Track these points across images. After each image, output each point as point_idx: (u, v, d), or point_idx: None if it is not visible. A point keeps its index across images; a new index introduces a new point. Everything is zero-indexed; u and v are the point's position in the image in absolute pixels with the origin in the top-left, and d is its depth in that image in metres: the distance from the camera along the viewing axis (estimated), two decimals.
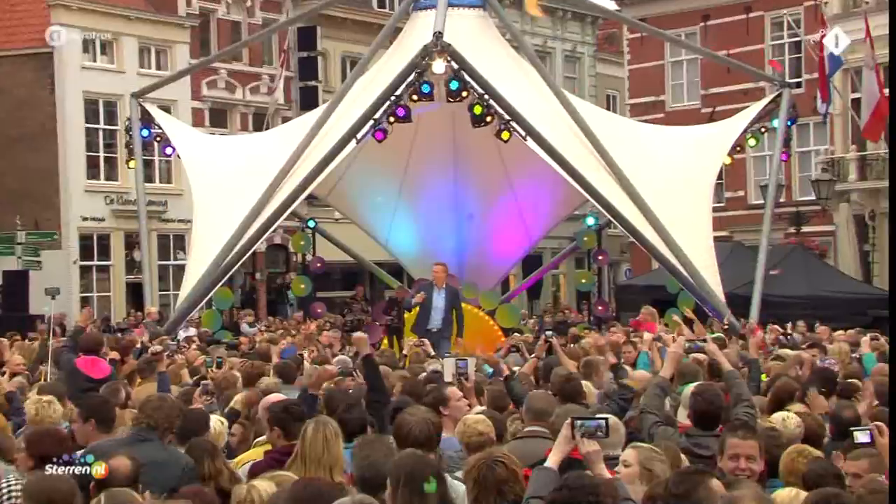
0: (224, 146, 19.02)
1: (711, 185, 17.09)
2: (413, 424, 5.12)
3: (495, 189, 18.95)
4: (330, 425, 5.07)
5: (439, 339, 14.46)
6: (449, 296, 15.06)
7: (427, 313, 14.89)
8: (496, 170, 18.47)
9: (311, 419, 5.24)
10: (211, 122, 29.10)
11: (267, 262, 30.33)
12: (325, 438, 4.98)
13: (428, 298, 14.88)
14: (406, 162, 18.63)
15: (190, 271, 15.85)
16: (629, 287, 26.88)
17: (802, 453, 5.08)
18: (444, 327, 14.83)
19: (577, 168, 14.99)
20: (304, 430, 5.08)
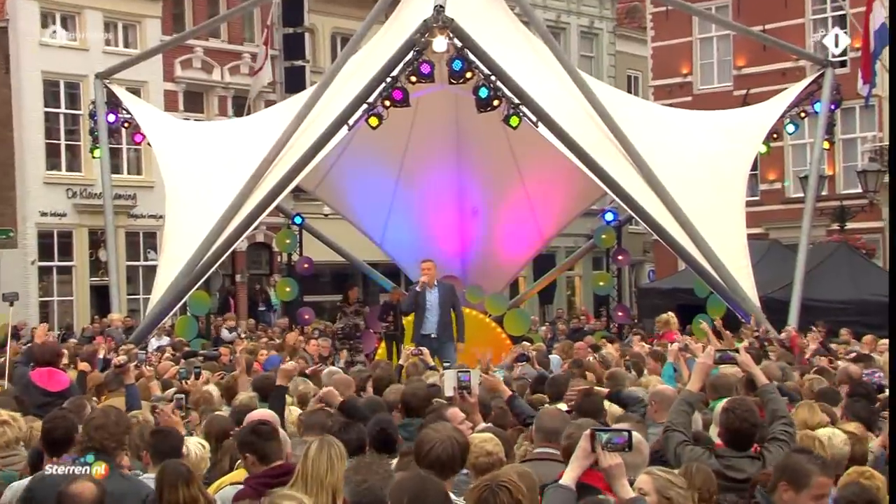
0: (200, 133, 19.04)
1: (745, 176, 17.11)
2: (437, 443, 5.12)
3: (503, 181, 18.98)
4: (336, 446, 5.10)
5: (440, 346, 14.45)
6: (443, 294, 14.97)
7: (421, 317, 14.86)
8: (504, 160, 18.50)
9: (316, 438, 5.26)
10: (185, 106, 29.13)
11: (248, 262, 30.36)
12: (330, 458, 5.00)
13: (420, 300, 14.81)
14: (403, 151, 18.66)
15: (162, 273, 15.87)
16: (652, 290, 26.88)
17: (864, 475, 5.09)
18: (443, 331, 14.77)
19: (595, 157, 15.00)
20: (308, 448, 5.10)
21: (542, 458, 5.68)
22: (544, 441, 5.79)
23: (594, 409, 6.99)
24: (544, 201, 19.48)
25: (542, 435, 5.86)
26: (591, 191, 18.12)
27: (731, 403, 6.02)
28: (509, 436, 6.88)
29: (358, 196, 19.81)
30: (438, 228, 19.55)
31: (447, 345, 14.55)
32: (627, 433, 4.36)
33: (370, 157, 18.10)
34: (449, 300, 14.95)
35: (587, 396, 7.31)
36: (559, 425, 5.79)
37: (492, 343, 16.49)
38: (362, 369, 12.24)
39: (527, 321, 20.24)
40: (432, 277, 14.92)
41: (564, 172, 16.66)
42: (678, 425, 6.03)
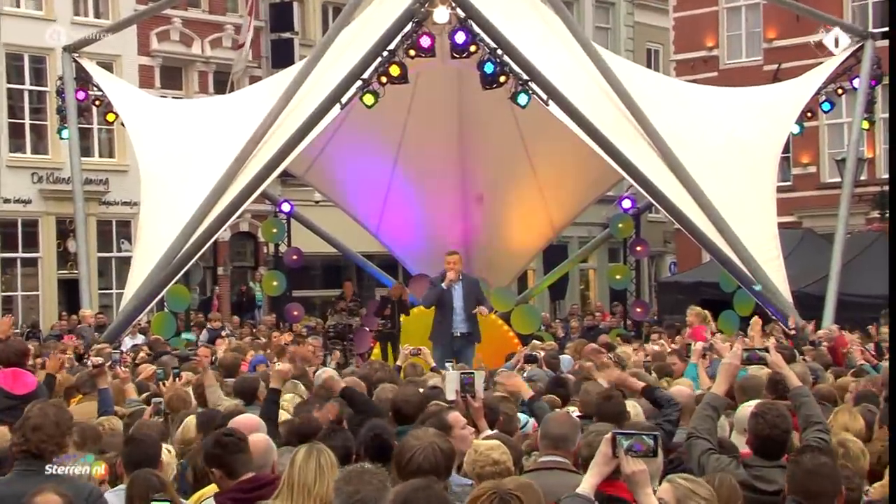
0: (179, 112, 19.03)
1: (776, 159, 17.09)
2: (417, 451, 5.13)
3: (510, 165, 18.97)
4: (326, 453, 5.11)
5: (464, 347, 14.49)
6: (468, 288, 14.95)
7: (447, 316, 14.78)
8: (511, 141, 18.49)
9: (304, 444, 5.26)
10: (162, 83, 29.11)
11: (231, 254, 30.38)
12: (319, 466, 5.02)
13: (446, 298, 14.74)
14: (401, 132, 18.65)
15: (137, 265, 15.87)
16: (674, 285, 26.92)
17: None
18: (472, 329, 14.83)
19: (611, 139, 14.99)
20: (295, 455, 5.11)
21: (548, 466, 5.67)
22: (551, 448, 5.79)
23: (615, 414, 6.98)
24: (555, 187, 19.47)
25: (548, 441, 5.85)
26: (606, 175, 18.11)
27: (761, 408, 6.01)
28: (517, 443, 6.88)
29: (351, 181, 19.80)
30: (439, 217, 19.54)
31: (471, 346, 14.61)
32: (653, 437, 4.36)
33: (365, 138, 18.09)
34: (474, 295, 14.94)
35: (607, 399, 7.30)
36: (567, 431, 5.80)
37: (498, 342, 16.51)
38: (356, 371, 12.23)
39: (536, 318, 20.24)
40: (459, 272, 14.84)
41: (577, 155, 16.64)
42: (702, 432, 6.03)
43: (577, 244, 31.84)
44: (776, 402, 6.54)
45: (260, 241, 29.04)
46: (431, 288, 15.05)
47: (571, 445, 5.65)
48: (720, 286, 18.04)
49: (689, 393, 7.68)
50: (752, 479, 5.58)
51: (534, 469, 5.73)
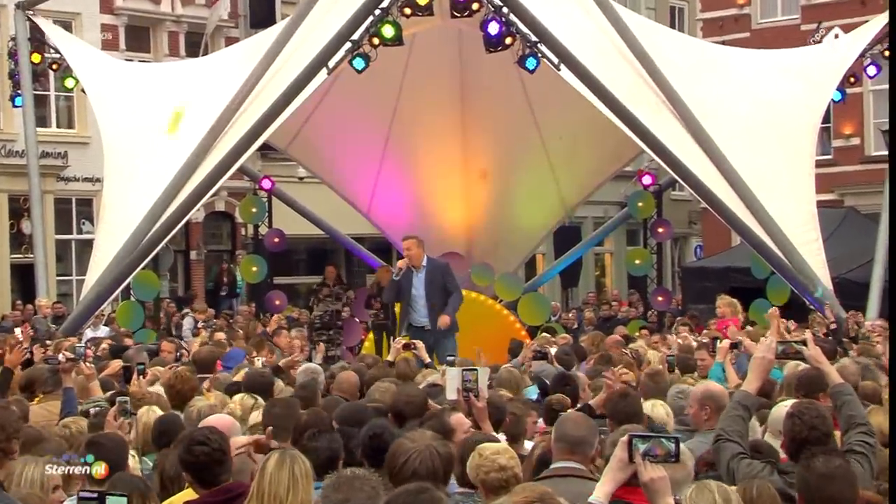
0: (146, 77, 19.00)
1: (815, 130, 17.08)
2: (413, 455, 5.14)
3: (517, 138, 18.97)
4: (300, 461, 5.12)
5: (436, 340, 14.40)
6: (431, 276, 14.71)
7: (407, 307, 14.75)
8: (518, 111, 18.48)
9: (275, 450, 5.28)
10: (128, 45, 29.02)
11: (206, 236, 30.37)
12: (293, 475, 5.03)
13: (405, 286, 14.63)
14: (395, 101, 18.63)
15: (100, 249, 15.88)
16: (700, 270, 26.93)
17: None
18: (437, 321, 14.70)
19: (630, 107, 14.98)
20: (265, 462, 5.13)
21: (563, 473, 5.68)
22: (566, 453, 5.79)
23: (630, 415, 6.99)
24: (568, 162, 19.46)
25: (563, 445, 5.85)
26: (624, 149, 18.09)
27: (798, 407, 6.02)
28: None
29: (340, 156, 19.78)
30: (438, 195, 19.55)
31: (446, 339, 14.47)
32: (674, 440, 4.37)
33: (355, 107, 18.07)
34: (438, 282, 14.74)
35: (623, 398, 7.31)
36: (584, 434, 5.80)
37: (503, 335, 16.52)
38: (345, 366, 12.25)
39: (546, 308, 20.26)
40: (415, 258, 14.64)
41: (592, 126, 16.62)
42: (732, 434, 6.03)
43: (592, 225, 31.80)
44: (814, 402, 6.56)
45: (237, 221, 29.03)
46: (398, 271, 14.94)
47: (589, 450, 5.65)
48: (752, 272, 18.04)
49: (721, 391, 7.68)
50: (788, 487, 5.58)
51: (546, 476, 5.74)
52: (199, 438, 5.67)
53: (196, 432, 5.80)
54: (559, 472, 5.71)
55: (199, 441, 5.64)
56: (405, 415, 7.36)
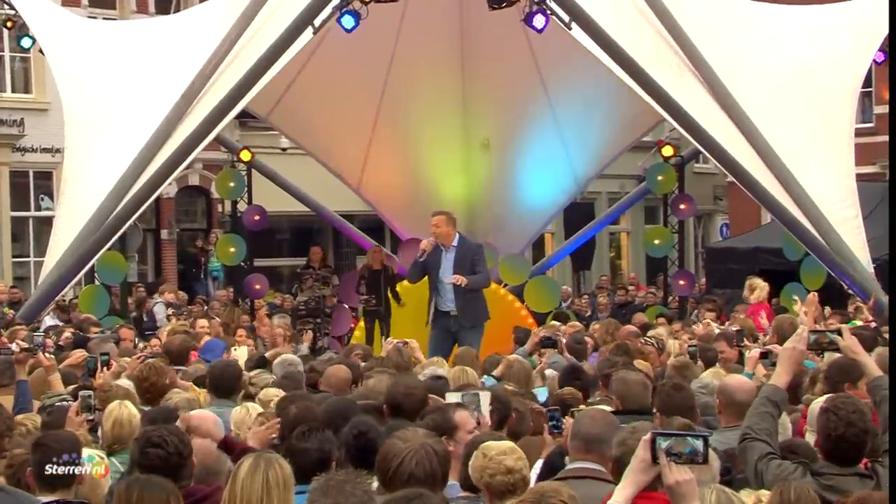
0: (112, 37, 18.95)
1: (854, 95, 17.04)
2: (407, 455, 5.15)
3: (524, 104, 18.94)
4: (276, 467, 5.11)
5: (461, 328, 14.41)
6: (461, 257, 14.80)
7: (433, 288, 14.72)
8: (525, 75, 18.45)
9: (249, 455, 5.27)
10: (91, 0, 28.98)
11: (178, 213, 30.37)
12: (266, 483, 5.03)
13: (432, 266, 14.63)
14: (389, 64, 18.59)
15: (60, 227, 15.86)
16: (726, 251, 26.89)
17: None
18: (467, 308, 14.66)
19: (649, 71, 14.95)
20: (238, 467, 5.13)
21: (579, 475, 5.69)
22: (582, 452, 5.81)
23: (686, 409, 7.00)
24: (579, 131, 19.44)
25: (579, 444, 5.86)
26: (642, 116, 18.08)
27: (833, 402, 6.02)
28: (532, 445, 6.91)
29: (327, 124, 19.75)
30: (435, 168, 19.53)
31: (470, 330, 14.48)
32: (702, 438, 4.37)
33: (344, 71, 18.04)
34: (467, 264, 14.76)
35: (677, 391, 7.30)
36: (602, 431, 5.80)
37: (508, 322, 16.51)
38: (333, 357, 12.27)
39: (555, 293, 20.27)
40: (444, 236, 14.68)
41: (607, 92, 16.58)
42: (760, 432, 6.03)
43: (607, 201, 31.81)
44: (851, 396, 6.57)
45: (213, 197, 29.02)
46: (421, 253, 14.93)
47: (608, 449, 5.65)
48: (783, 253, 18.04)
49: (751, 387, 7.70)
50: (823, 490, 5.60)
51: (560, 478, 5.75)
52: (155, 440, 5.68)
53: (152, 432, 5.79)
54: (574, 472, 5.72)
55: (155, 443, 5.66)
56: (403, 409, 7.36)
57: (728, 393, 7.52)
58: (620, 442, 5.23)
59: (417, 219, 18.92)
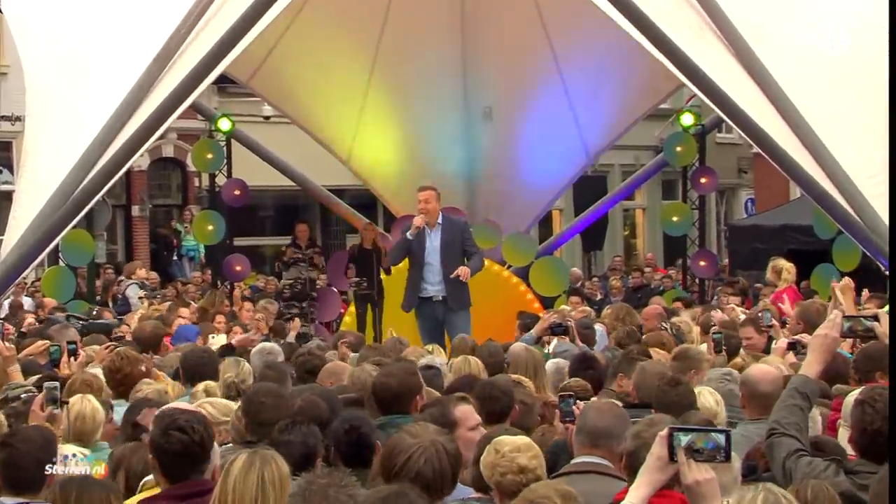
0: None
1: None
2: (416, 452, 5.15)
3: (530, 68, 18.92)
4: (272, 464, 5.12)
5: (447, 314, 14.39)
6: (448, 235, 14.82)
7: (418, 274, 14.73)
8: (531, 35, 18.42)
9: (243, 451, 5.28)
10: None
11: (151, 187, 30.37)
12: (262, 482, 5.04)
13: (416, 248, 14.66)
14: (381, 24, 18.57)
15: (21, 203, 15.84)
16: (752, 229, 26.93)
17: None
18: (455, 291, 14.66)
19: (667, 32, 14.93)
20: (230, 465, 5.14)
21: (584, 469, 5.71)
22: (588, 446, 5.83)
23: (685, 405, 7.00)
24: (591, 97, 19.44)
25: (585, 437, 5.88)
26: (659, 82, 18.06)
27: (869, 394, 6.02)
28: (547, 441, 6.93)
29: (314, 90, 19.75)
30: (433, 138, 19.51)
31: (459, 313, 14.50)
32: (724, 434, 4.37)
33: (332, 31, 18.02)
34: (458, 245, 14.82)
35: (673, 386, 7.31)
36: (610, 424, 5.82)
37: (512, 307, 16.53)
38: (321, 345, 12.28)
39: (563, 275, 20.29)
40: (434, 213, 14.74)
41: (621, 55, 16.57)
42: (788, 426, 6.04)
43: (620, 175, 31.84)
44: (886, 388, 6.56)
45: (190, 170, 29.01)
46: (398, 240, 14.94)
47: (616, 443, 5.67)
48: (814, 231, 18.05)
49: (776, 376, 7.71)
50: (857, 490, 5.60)
51: (565, 472, 5.76)
52: (181, 424, 5.64)
53: (179, 416, 5.78)
54: (578, 468, 5.74)
55: (180, 427, 5.63)
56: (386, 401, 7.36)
57: (751, 384, 7.53)
58: (635, 435, 5.23)
59: (413, 194, 18.90)
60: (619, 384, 8.77)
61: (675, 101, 24.04)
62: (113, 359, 9.31)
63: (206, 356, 9.65)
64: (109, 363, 9.28)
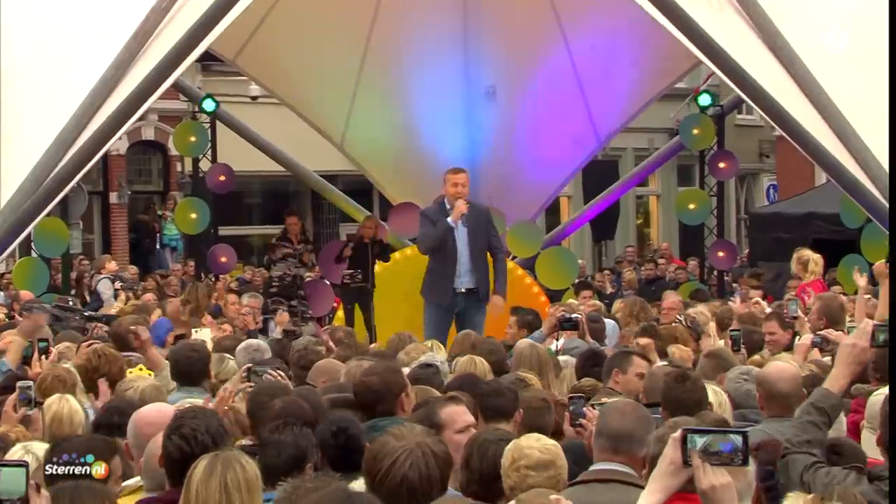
0: None
1: None
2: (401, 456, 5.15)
3: (535, 45, 18.91)
4: (236, 467, 5.13)
5: (468, 309, 14.33)
6: (476, 226, 14.68)
7: (450, 264, 14.57)
8: (537, 10, 18.42)
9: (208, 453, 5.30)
10: None
11: (130, 172, 30.37)
12: (225, 488, 5.05)
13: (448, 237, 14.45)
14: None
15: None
16: (774, 218, 26.92)
17: None
18: (481, 284, 14.53)
19: (683, 6, 14.93)
20: (193, 470, 5.16)
21: (603, 478, 5.70)
22: (610, 452, 5.81)
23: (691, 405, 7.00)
24: (601, 76, 19.43)
25: (605, 442, 5.86)
26: (674, 60, 18.05)
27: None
28: None
29: (305, 68, 19.73)
30: (431, 120, 19.50)
31: (481, 309, 14.48)
32: (741, 436, 4.37)
33: (324, 6, 18.01)
34: (484, 234, 14.77)
35: (680, 382, 7.31)
36: (632, 427, 5.80)
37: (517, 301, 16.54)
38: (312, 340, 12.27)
39: (572, 266, 20.29)
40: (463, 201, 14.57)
41: (634, 30, 16.57)
42: (799, 444, 6.05)
43: (633, 159, 31.81)
44: None
45: (171, 154, 29.02)
46: (427, 222, 14.75)
47: (638, 448, 5.64)
48: (841, 220, 18.05)
49: (793, 373, 7.72)
50: (882, 498, 5.61)
51: (582, 481, 5.76)
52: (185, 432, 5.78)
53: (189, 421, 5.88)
54: (598, 475, 5.72)
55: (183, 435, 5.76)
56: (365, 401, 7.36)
57: (768, 383, 7.52)
58: (659, 438, 5.22)
59: (411, 180, 18.95)
60: (615, 380, 8.77)
61: (692, 81, 24.00)
62: (90, 356, 9.23)
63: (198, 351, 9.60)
64: (86, 361, 9.20)
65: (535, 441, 5.95)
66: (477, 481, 6.02)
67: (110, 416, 7.38)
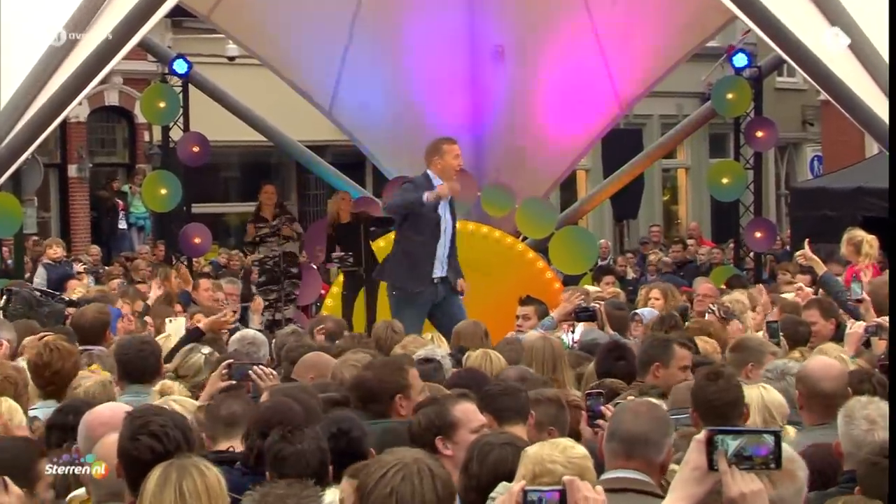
0: None
1: None
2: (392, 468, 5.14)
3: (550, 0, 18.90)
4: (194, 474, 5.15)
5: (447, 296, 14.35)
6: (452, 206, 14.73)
7: (430, 247, 14.50)
8: None
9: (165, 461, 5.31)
10: None
11: (91, 142, 30.37)
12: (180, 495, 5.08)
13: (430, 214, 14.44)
14: None
15: None
16: (818, 193, 26.91)
17: None
18: (455, 267, 14.60)
19: None
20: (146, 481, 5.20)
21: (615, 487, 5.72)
22: (623, 458, 5.83)
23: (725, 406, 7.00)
24: (623, 35, 19.41)
25: (617, 446, 5.88)
26: (706, 15, 18.05)
27: None
28: None
29: (288, 27, 19.72)
30: (431, 83, 19.50)
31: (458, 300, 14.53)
32: (773, 436, 4.36)
33: None
34: (454, 215, 14.85)
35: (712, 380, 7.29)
36: (648, 430, 5.82)
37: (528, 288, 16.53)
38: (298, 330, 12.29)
39: (590, 248, 20.28)
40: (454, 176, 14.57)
41: None
42: None
43: (659, 128, 31.82)
44: None
45: (138, 121, 29.03)
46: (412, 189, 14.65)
47: (655, 453, 5.66)
48: None
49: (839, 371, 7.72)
50: None
51: None
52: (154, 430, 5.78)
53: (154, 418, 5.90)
54: (611, 484, 5.73)
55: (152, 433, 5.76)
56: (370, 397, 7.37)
57: (811, 381, 7.53)
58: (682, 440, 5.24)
59: (408, 151, 18.91)
60: (654, 374, 8.72)
61: (726, 39, 23.99)
62: (40, 351, 9.15)
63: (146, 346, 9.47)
64: (36, 357, 9.12)
65: (559, 453, 5.85)
66: (475, 488, 6.01)
67: (65, 415, 7.37)
